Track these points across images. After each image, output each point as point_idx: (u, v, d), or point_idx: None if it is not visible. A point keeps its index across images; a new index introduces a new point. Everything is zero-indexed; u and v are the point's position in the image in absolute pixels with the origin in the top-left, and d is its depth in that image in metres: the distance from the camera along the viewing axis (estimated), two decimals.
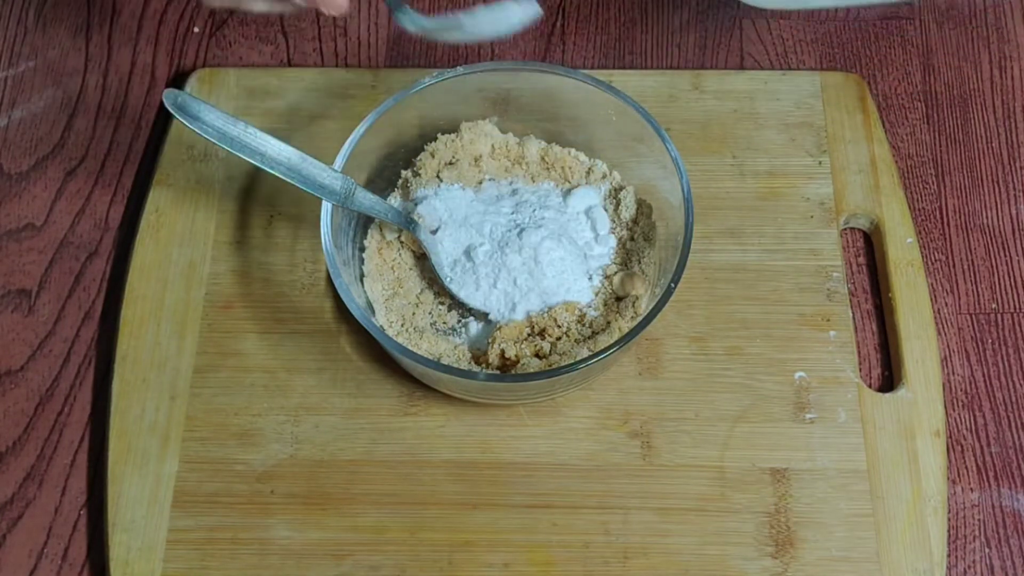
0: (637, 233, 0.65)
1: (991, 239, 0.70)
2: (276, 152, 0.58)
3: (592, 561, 0.59)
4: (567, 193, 0.66)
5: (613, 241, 0.65)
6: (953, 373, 0.66)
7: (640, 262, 0.64)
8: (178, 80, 0.75)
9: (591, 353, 0.58)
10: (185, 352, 0.65)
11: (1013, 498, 0.62)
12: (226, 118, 0.57)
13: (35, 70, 0.77)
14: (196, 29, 0.78)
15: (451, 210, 0.64)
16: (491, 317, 0.63)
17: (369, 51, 0.77)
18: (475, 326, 0.64)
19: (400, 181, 0.67)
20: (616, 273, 0.64)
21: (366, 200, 0.61)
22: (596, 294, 0.63)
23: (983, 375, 0.66)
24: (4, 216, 0.71)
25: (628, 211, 0.65)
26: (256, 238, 0.68)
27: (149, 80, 0.76)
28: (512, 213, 0.64)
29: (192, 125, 0.56)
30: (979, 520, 0.62)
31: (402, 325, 0.63)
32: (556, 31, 0.78)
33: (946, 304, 0.68)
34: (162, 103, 0.75)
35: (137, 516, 0.61)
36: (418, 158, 0.67)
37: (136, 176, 0.73)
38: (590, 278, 0.64)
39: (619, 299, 0.63)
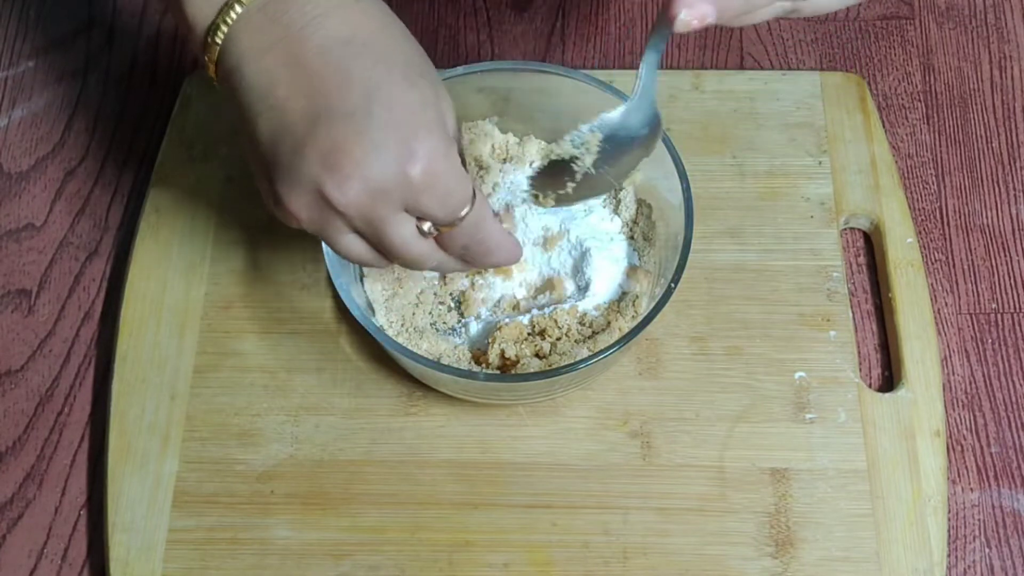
0: (637, 233, 0.65)
1: (991, 239, 0.70)
2: None
3: (592, 561, 0.59)
4: None
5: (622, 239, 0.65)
6: (953, 373, 0.66)
7: (640, 262, 0.64)
8: (178, 80, 0.75)
9: (591, 353, 0.58)
10: (185, 352, 0.65)
11: (1013, 498, 0.62)
12: None
13: (35, 70, 0.77)
14: None
15: None
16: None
17: None
18: (475, 326, 0.64)
19: None
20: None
21: None
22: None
23: (983, 375, 0.66)
24: (4, 216, 0.71)
25: (628, 211, 0.65)
26: (256, 238, 0.68)
27: (149, 80, 0.76)
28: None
29: None
30: (979, 520, 0.62)
31: (402, 325, 0.63)
32: (556, 31, 0.78)
33: (946, 304, 0.68)
34: (162, 102, 0.75)
35: (137, 516, 0.61)
36: None
37: (136, 176, 0.73)
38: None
39: (619, 299, 0.63)
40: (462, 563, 0.59)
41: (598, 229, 0.64)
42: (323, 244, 0.59)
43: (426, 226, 0.51)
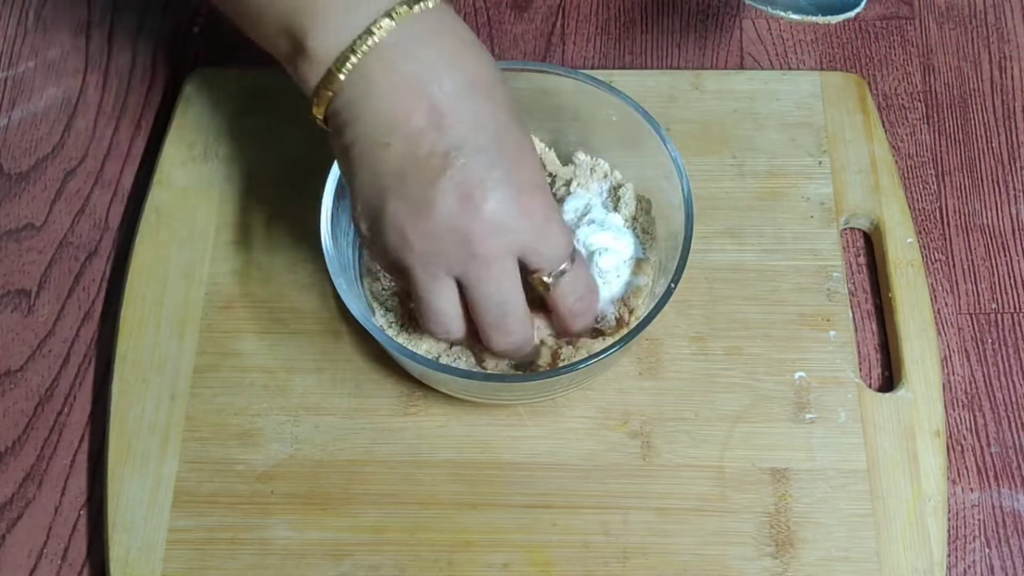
0: (637, 229, 0.65)
1: (991, 239, 0.70)
2: None
3: (592, 561, 0.59)
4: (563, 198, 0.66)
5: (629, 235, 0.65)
6: (953, 373, 0.66)
7: (645, 255, 0.64)
8: (178, 79, 0.75)
9: (591, 353, 0.58)
10: (185, 352, 0.65)
11: (1013, 498, 0.62)
12: None
13: (35, 70, 0.77)
14: (196, 29, 0.78)
15: None
16: None
17: None
18: None
19: None
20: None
21: None
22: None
23: (983, 375, 0.66)
24: (4, 216, 0.71)
25: (628, 208, 0.65)
26: (256, 238, 0.68)
27: (149, 80, 0.76)
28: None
29: None
30: (979, 520, 0.62)
31: (402, 325, 0.63)
32: (556, 31, 0.78)
33: (946, 304, 0.68)
34: (162, 102, 0.75)
35: (137, 516, 0.61)
36: None
37: (136, 176, 0.73)
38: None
39: (623, 296, 0.63)
40: (462, 563, 0.59)
41: (607, 224, 0.64)
42: (323, 244, 0.59)
43: (545, 276, 0.53)
